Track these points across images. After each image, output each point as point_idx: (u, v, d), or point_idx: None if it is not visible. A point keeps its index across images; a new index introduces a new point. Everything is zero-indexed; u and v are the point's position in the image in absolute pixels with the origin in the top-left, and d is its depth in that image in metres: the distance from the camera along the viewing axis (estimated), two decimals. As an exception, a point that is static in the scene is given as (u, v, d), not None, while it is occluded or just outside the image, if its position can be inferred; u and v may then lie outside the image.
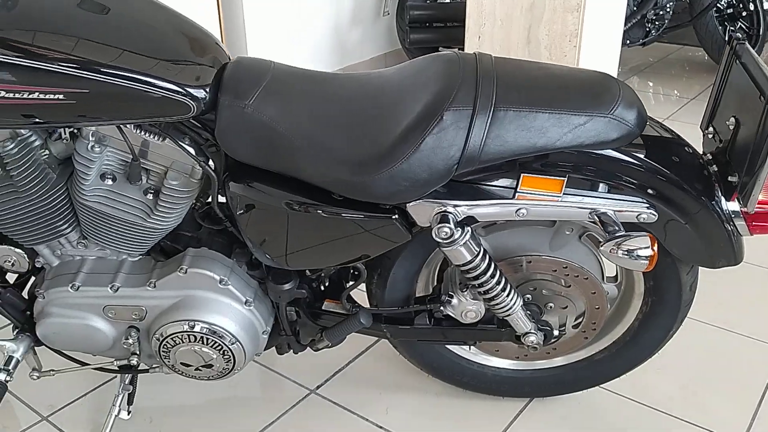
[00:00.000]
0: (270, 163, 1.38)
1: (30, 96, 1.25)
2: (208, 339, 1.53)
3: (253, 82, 1.36)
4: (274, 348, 1.72)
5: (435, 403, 1.85)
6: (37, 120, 1.29)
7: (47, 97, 1.25)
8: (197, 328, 1.52)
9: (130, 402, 1.75)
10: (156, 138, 1.42)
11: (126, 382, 1.75)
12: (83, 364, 1.72)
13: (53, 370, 1.69)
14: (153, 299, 1.54)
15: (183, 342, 1.54)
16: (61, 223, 1.52)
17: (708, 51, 4.50)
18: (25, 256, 1.61)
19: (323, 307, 1.63)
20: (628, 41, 4.26)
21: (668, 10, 4.30)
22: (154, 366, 1.65)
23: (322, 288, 1.66)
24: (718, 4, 4.32)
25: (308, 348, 1.69)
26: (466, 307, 1.54)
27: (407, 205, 1.35)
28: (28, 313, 1.67)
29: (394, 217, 1.36)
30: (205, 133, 1.43)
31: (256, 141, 1.35)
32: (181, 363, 1.58)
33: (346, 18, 4.32)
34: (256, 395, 1.91)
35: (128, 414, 1.75)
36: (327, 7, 4.16)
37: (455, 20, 4.05)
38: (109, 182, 1.46)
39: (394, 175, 1.29)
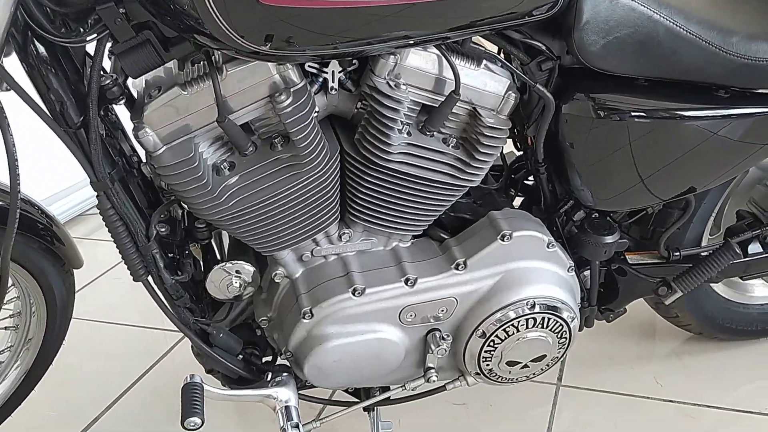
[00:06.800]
0: (641, 65, 1.08)
1: None
2: (548, 320, 1.18)
3: None
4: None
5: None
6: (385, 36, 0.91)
7: None
8: (537, 308, 1.17)
9: (387, 446, 1.31)
10: (471, 63, 1.07)
11: (380, 418, 1.32)
12: (349, 402, 1.28)
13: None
14: (465, 285, 1.16)
15: (519, 331, 1.17)
16: (331, 209, 1.11)
17: None
18: (257, 272, 1.16)
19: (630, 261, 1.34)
20: None
21: None
22: (454, 380, 1.25)
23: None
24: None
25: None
26: None
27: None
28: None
29: None
30: (537, 44, 1.10)
31: (627, 36, 1.05)
32: (507, 363, 1.21)
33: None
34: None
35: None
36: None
37: None
38: (405, 136, 1.08)
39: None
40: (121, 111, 1.10)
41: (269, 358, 1.28)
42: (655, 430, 1.44)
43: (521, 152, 1.35)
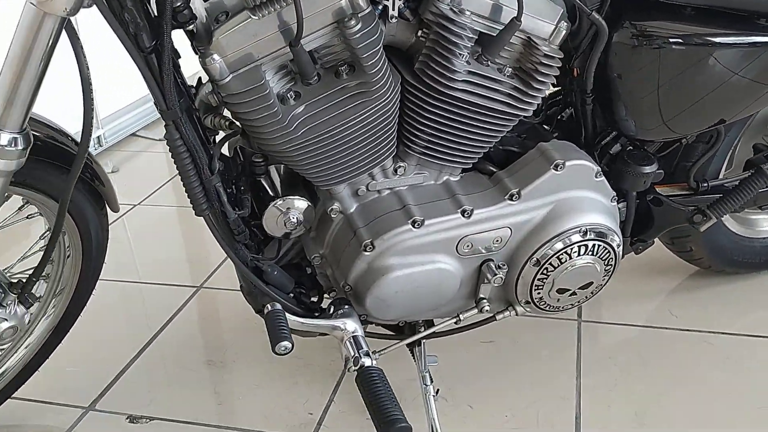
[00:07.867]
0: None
1: None
2: (598, 246, 1.21)
3: None
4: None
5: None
6: None
7: None
8: (589, 236, 1.20)
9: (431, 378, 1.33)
10: None
11: (426, 353, 1.33)
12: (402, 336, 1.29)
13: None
14: (520, 215, 1.18)
15: (571, 258, 1.20)
16: (391, 140, 1.12)
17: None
18: (312, 208, 1.15)
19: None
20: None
21: None
22: (503, 311, 1.28)
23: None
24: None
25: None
26: None
27: None
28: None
29: None
30: None
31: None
32: (557, 290, 1.24)
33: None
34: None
35: (437, 393, 1.33)
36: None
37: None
38: (466, 64, 1.08)
39: None
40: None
41: (315, 299, 1.29)
42: (678, 356, 1.50)
43: (557, 87, 1.37)
